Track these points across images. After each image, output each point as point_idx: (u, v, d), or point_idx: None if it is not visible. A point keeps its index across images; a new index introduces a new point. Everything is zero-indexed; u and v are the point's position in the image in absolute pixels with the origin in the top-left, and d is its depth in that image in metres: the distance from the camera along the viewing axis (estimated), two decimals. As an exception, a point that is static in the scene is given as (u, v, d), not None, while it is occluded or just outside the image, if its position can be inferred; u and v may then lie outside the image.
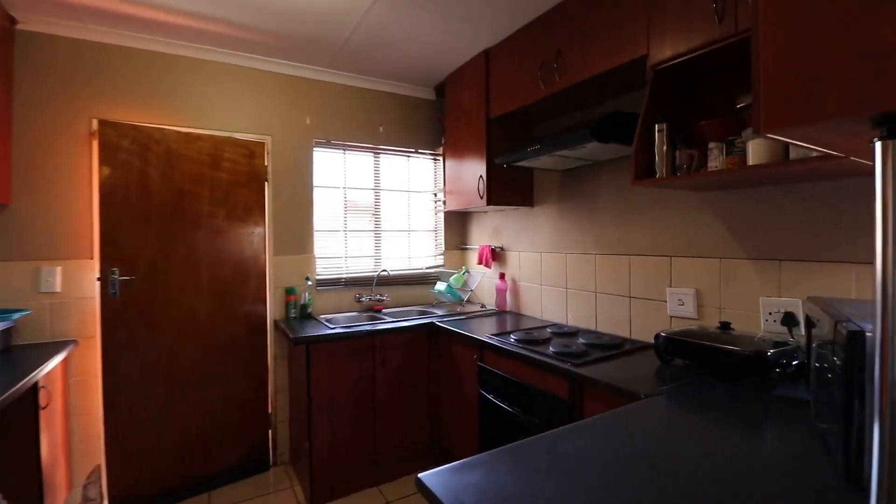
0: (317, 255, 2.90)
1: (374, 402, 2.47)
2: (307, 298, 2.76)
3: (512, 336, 2.16)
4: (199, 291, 2.46)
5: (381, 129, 3.10)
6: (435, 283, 3.24)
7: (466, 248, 3.39)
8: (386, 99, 3.12)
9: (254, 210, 2.64)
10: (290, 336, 2.28)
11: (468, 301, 3.05)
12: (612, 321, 2.24)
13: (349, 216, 3.03)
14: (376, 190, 3.13)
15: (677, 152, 1.59)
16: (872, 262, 0.64)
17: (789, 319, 1.58)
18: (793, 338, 1.55)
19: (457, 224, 3.42)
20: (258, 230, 2.67)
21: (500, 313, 2.86)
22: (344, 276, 2.98)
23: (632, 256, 2.14)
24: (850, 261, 1.45)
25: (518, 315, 2.79)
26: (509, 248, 2.95)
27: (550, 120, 2.58)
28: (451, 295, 2.93)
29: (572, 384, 1.71)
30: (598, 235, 2.31)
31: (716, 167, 1.50)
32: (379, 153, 3.14)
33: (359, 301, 2.99)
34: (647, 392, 1.43)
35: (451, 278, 3.11)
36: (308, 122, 2.87)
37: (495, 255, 3.01)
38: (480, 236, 3.24)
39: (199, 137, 2.46)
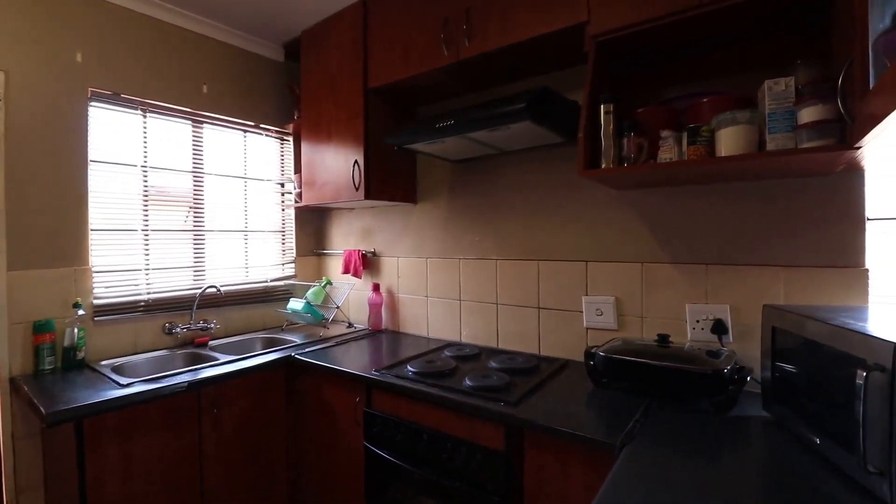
0: (94, 268, 1.89)
1: (201, 489, 1.66)
2: (76, 337, 1.75)
3: (409, 367, 1.67)
4: None
5: (204, 88, 2.23)
6: (286, 301, 2.51)
7: (324, 254, 2.74)
8: (215, 49, 2.27)
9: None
10: (43, 409, 1.33)
11: (333, 321, 2.42)
12: (516, 336, 1.95)
13: (153, 209, 2.08)
14: (197, 173, 2.25)
15: (625, 140, 1.35)
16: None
17: (719, 327, 1.49)
18: (723, 346, 1.46)
19: (312, 223, 2.74)
20: (-28, 227, 1.57)
21: (375, 334, 2.32)
22: (144, 297, 2.03)
23: (541, 262, 1.88)
24: (777, 264, 1.41)
25: (399, 335, 2.30)
26: (384, 252, 2.44)
27: (441, 101, 2.17)
28: (311, 314, 2.26)
29: (510, 430, 1.32)
30: (500, 238, 1.99)
31: (669, 158, 1.30)
32: (201, 123, 2.26)
33: (170, 333, 2.07)
34: (604, 437, 1.13)
35: (309, 292, 2.43)
36: (79, 59, 1.85)
37: (366, 263, 2.46)
38: (344, 239, 2.63)
39: None
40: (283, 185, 2.62)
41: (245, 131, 2.44)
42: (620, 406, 1.33)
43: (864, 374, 0.80)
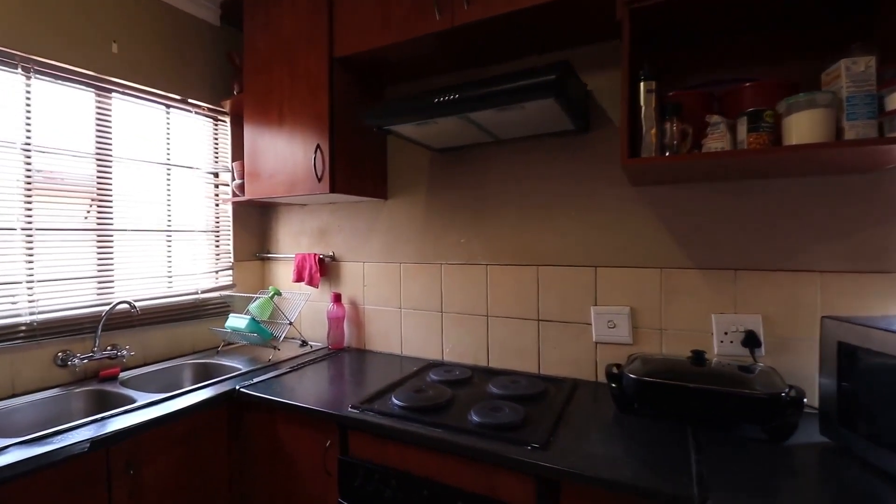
0: (-52, 281, 1.36)
1: (115, 578, 1.22)
2: (-84, 380, 1.23)
3: (394, 400, 1.35)
4: None
5: (114, 47, 1.74)
6: (222, 317, 2.06)
7: (270, 258, 2.31)
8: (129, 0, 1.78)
9: None
10: None
11: (283, 339, 2.02)
12: (511, 353, 1.70)
13: (39, 202, 1.57)
14: (103, 157, 1.75)
15: (668, 125, 1.14)
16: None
17: (751, 339, 1.33)
18: (756, 361, 1.31)
19: (254, 222, 2.30)
20: None
21: (336, 354, 1.95)
22: (26, 319, 1.51)
23: (541, 267, 1.64)
24: (812, 269, 1.28)
25: (366, 353, 1.96)
26: (345, 257, 2.07)
27: (416, 80, 1.86)
28: (259, 333, 1.85)
29: (542, 483, 1.05)
30: (491, 239, 1.73)
31: (720, 147, 1.11)
32: (109, 92, 1.76)
33: (64, 365, 1.57)
34: (674, 489, 0.90)
35: (253, 306, 2.00)
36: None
37: (324, 269, 2.08)
38: (295, 240, 2.23)
39: None
40: (216, 175, 2.16)
41: (168, 106, 1.96)
42: (662, 438, 1.12)
43: None
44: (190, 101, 1.99)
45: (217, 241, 2.17)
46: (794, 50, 1.27)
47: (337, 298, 2.01)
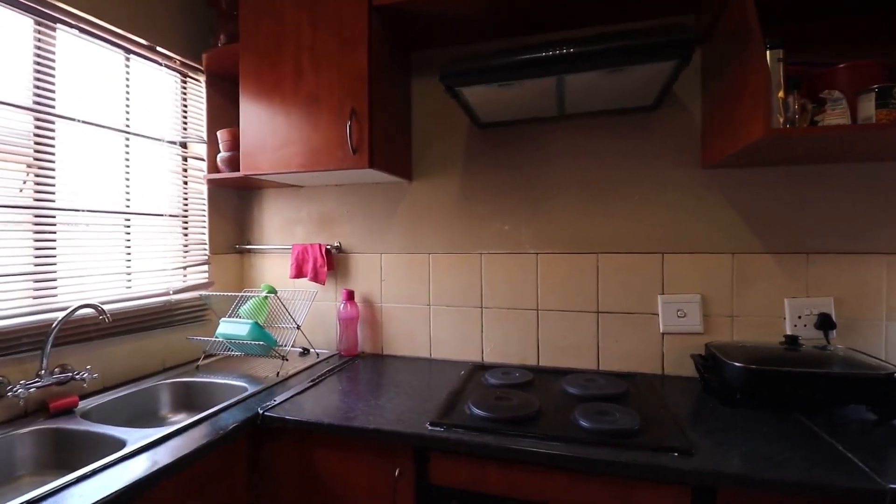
0: None
1: None
2: None
3: (475, 411, 1.14)
4: None
5: (62, -38, 1.28)
6: (197, 323, 1.65)
7: (254, 251, 1.92)
8: None
9: None
10: None
11: (289, 346, 1.66)
12: (565, 350, 1.56)
13: (-49, 165, 1.09)
14: (43, 112, 1.28)
15: (790, 99, 1.08)
16: None
17: (825, 322, 1.34)
18: (829, 343, 1.32)
19: (229, 207, 1.89)
20: None
21: (353, 361, 1.66)
22: (-65, 333, 1.03)
23: (601, 255, 1.52)
24: (880, 251, 1.32)
25: (386, 359, 1.69)
26: (356, 248, 1.78)
27: (448, 46, 1.64)
28: (266, 340, 1.49)
29: (699, 496, 0.92)
30: (542, 226, 1.58)
31: (840, 123, 1.07)
32: (54, 22, 1.30)
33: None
34: (868, 483, 0.83)
35: (244, 307, 1.63)
36: None
37: (330, 262, 1.77)
38: (287, 230, 1.87)
39: None
40: (183, 145, 1.72)
41: (130, 53, 1.52)
42: (786, 429, 1.06)
43: None
44: (158, 48, 1.56)
45: (186, 228, 1.74)
46: (873, 36, 1.28)
47: (350, 296, 1.71)
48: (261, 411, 1.19)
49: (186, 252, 1.73)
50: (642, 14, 1.41)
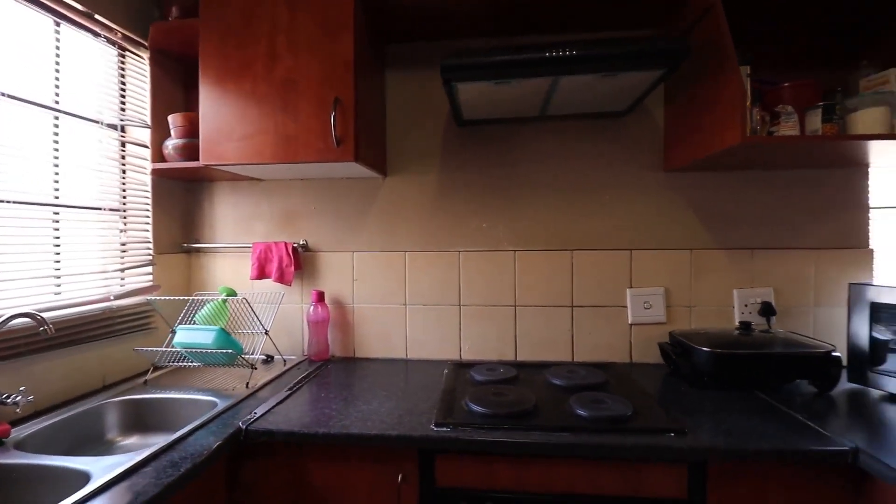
0: None
1: None
2: None
3: (475, 408, 1.14)
4: None
5: None
6: (141, 331, 1.46)
7: (201, 249, 1.73)
8: None
9: None
10: None
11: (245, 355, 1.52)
12: (541, 344, 1.61)
13: None
14: (-47, 79, 1.05)
15: (754, 110, 1.21)
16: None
17: (768, 309, 1.52)
18: (770, 328, 1.51)
19: (173, 201, 1.69)
20: None
21: (326, 365, 1.57)
22: None
23: (575, 252, 1.59)
24: (809, 247, 1.53)
25: (360, 362, 1.62)
26: (323, 246, 1.69)
27: (432, 41, 1.61)
28: (233, 348, 1.34)
29: (693, 471, 1.00)
30: (520, 223, 1.61)
31: (788, 133, 1.22)
32: (-37, -28, 1.07)
33: None
34: (833, 445, 0.96)
35: (200, 313, 1.46)
36: None
37: (298, 262, 1.65)
38: (244, 227, 1.72)
39: None
40: (122, 131, 1.51)
41: (59, 18, 1.29)
42: (752, 405, 1.19)
43: None
44: (96, 16, 1.35)
45: (125, 224, 1.52)
46: (816, 60, 1.48)
47: (320, 298, 1.61)
48: (243, 426, 1.08)
49: (125, 252, 1.52)
50: (610, 26, 1.50)
